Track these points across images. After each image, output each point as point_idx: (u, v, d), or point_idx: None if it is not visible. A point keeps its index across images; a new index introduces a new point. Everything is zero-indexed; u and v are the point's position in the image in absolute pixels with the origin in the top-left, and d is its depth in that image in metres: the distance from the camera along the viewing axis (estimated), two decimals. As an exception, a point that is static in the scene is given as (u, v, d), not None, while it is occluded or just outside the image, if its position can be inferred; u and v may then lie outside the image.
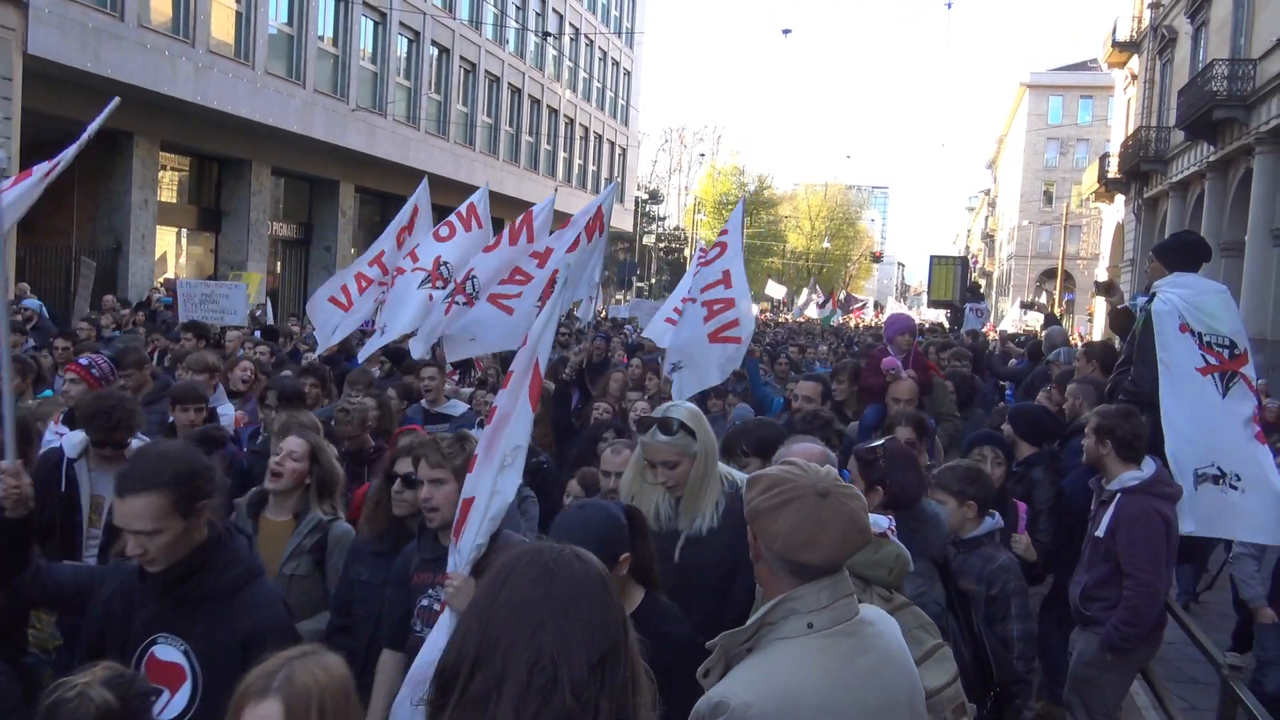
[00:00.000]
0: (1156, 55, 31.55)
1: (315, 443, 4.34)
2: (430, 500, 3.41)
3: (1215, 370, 5.02)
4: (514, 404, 3.20)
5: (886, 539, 2.96)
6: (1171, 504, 4.57)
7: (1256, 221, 21.35)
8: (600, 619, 1.59)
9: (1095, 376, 6.95)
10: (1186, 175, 27.44)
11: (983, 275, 74.18)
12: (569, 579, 1.60)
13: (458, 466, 3.36)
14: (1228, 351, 5.06)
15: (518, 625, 1.54)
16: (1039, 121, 65.12)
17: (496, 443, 3.13)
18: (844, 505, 2.19)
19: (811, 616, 2.13)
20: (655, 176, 68.60)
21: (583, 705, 1.51)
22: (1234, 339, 5.09)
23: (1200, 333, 5.06)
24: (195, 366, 6.94)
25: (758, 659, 2.15)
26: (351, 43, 25.09)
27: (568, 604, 1.57)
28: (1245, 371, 5.08)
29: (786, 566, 2.17)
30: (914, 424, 5.27)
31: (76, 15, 16.54)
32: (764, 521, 2.19)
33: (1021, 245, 65.54)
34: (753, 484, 2.29)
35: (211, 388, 6.68)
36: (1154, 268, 5.63)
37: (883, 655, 2.21)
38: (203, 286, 12.19)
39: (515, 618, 1.55)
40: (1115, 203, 37.53)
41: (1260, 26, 21.99)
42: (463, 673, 1.54)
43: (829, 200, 76.73)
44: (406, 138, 27.44)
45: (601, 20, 41.92)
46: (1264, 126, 20.91)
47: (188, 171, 23.64)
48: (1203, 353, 5.03)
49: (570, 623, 1.56)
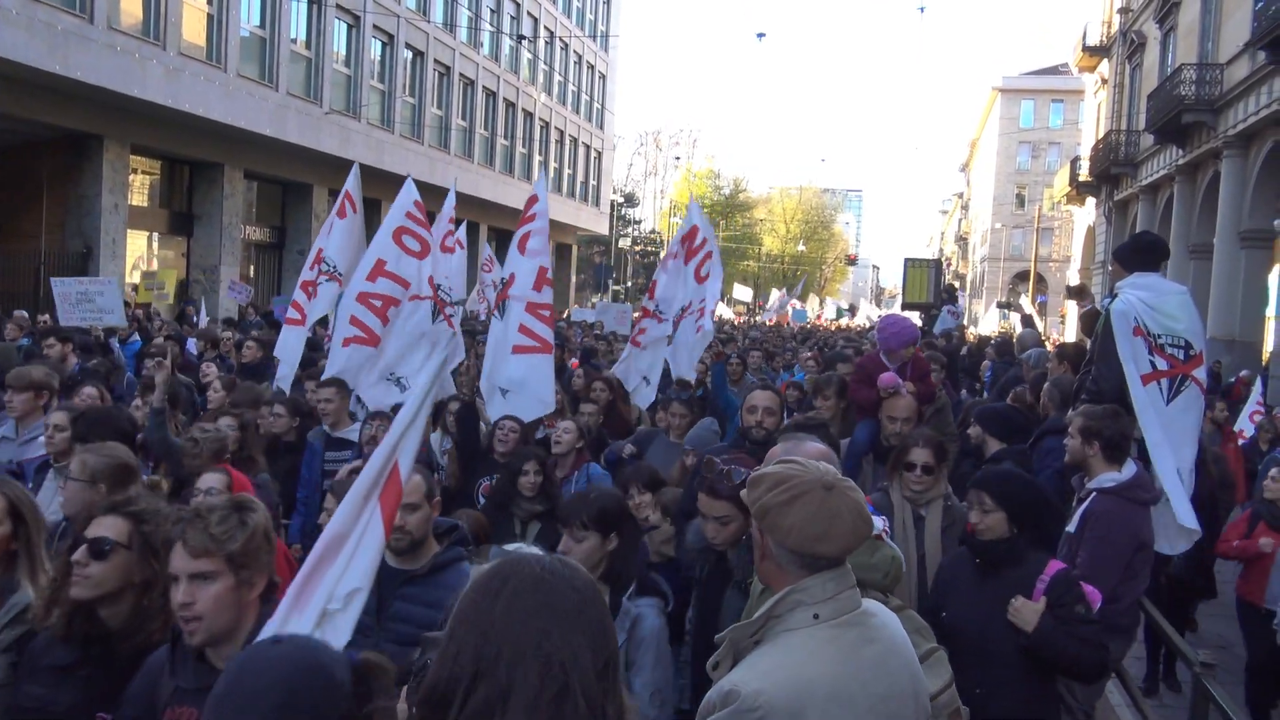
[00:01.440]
0: (1126, 60, 31.89)
1: (15, 495, 3.11)
2: (191, 605, 2.37)
3: (1164, 375, 5.05)
4: (353, 523, 2.36)
5: (882, 541, 2.95)
6: (1144, 509, 4.58)
7: (1225, 224, 21.62)
8: (601, 624, 1.57)
9: (1067, 378, 7.00)
10: (1156, 178, 27.76)
11: (956, 278, 74.63)
12: (567, 585, 1.57)
13: (234, 553, 2.42)
14: (1183, 353, 5.09)
15: (522, 634, 1.49)
16: (1011, 125, 65.67)
17: (316, 584, 2.28)
18: (849, 497, 2.25)
19: (817, 608, 2.18)
20: (631, 180, 68.67)
21: (593, 712, 1.49)
22: (1190, 339, 5.12)
23: (1157, 334, 5.08)
24: (18, 384, 5.72)
25: (766, 650, 2.20)
26: (325, 46, 24.94)
27: (570, 610, 1.54)
28: (1198, 374, 5.11)
29: (798, 560, 2.21)
30: (933, 447, 4.54)
31: (44, 17, 16.33)
32: (775, 517, 2.22)
33: (995, 248, 66.07)
34: (756, 484, 2.31)
35: (40, 408, 5.67)
36: (1114, 269, 5.71)
37: (887, 646, 2.26)
38: (76, 284, 10.99)
39: (518, 627, 1.50)
40: (1086, 205, 37.92)
41: (1227, 32, 22.28)
42: (460, 690, 1.48)
43: (804, 203, 77.04)
44: (381, 141, 27.30)
45: (576, 24, 41.90)
46: (1231, 130, 21.19)
47: (159, 175, 23.40)
48: (1153, 357, 5.05)
49: (575, 629, 1.52)
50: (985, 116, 72.86)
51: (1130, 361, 5.04)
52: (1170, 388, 5.05)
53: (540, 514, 5.07)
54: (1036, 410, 6.96)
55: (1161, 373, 5.05)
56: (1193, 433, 5.16)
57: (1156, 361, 5.06)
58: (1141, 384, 5.01)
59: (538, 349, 6.97)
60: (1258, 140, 20.59)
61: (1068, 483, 5.27)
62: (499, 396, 6.83)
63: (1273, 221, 20.16)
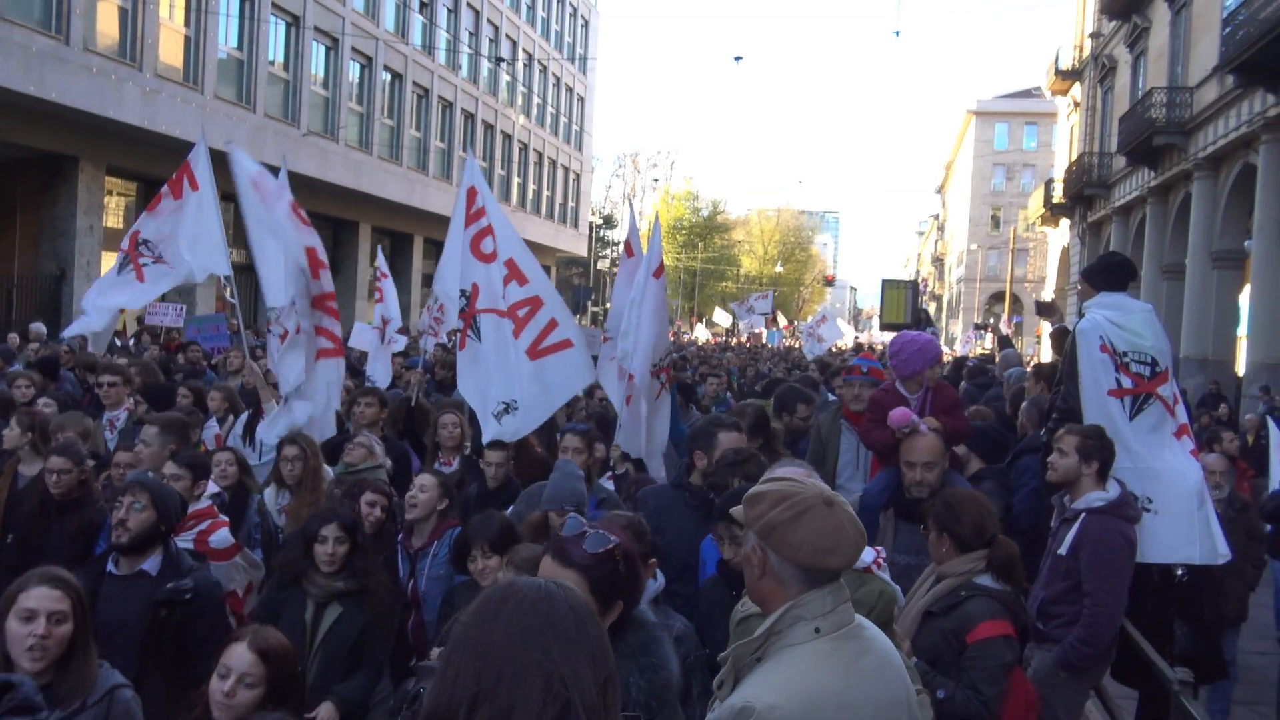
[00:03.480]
0: (1098, 83, 32.33)
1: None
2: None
3: (1128, 393, 5.09)
4: None
5: (871, 574, 2.92)
6: (1133, 526, 4.62)
7: (1196, 245, 21.89)
8: (600, 642, 1.58)
9: (1044, 397, 7.06)
10: (1129, 200, 28.09)
11: (933, 298, 75.23)
12: (565, 605, 1.58)
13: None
14: (1149, 369, 5.13)
15: (523, 654, 1.50)
16: (985, 148, 66.38)
17: None
18: (848, 512, 2.28)
19: (818, 621, 2.20)
20: (609, 202, 68.83)
21: None
22: (1156, 356, 5.16)
23: (1124, 351, 5.12)
24: None
25: (771, 666, 2.22)
26: (302, 68, 24.92)
27: (569, 629, 1.55)
28: (1162, 392, 5.14)
29: (803, 576, 2.23)
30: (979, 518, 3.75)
31: (20, 39, 16.24)
32: (784, 533, 2.22)
33: (970, 268, 66.62)
34: (756, 501, 2.30)
35: None
36: (1083, 288, 5.74)
37: (881, 656, 2.30)
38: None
39: (519, 646, 1.51)
40: (1061, 227, 38.30)
41: (1196, 56, 22.64)
42: (460, 713, 1.47)
43: (781, 225, 77.52)
44: (359, 162, 27.26)
45: (554, 46, 42.08)
46: (1201, 153, 21.49)
47: (134, 196, 23.24)
48: (1119, 375, 5.09)
49: (575, 647, 1.53)
50: (960, 139, 73.62)
51: (1091, 379, 5.10)
52: (1132, 405, 5.09)
53: (344, 594, 4.11)
54: (1011, 425, 7.00)
55: (1125, 390, 5.10)
56: (1161, 448, 5.18)
57: (1122, 379, 5.10)
58: (1109, 398, 5.06)
59: (561, 345, 6.25)
60: (1227, 162, 20.89)
61: (1045, 501, 5.31)
62: (501, 416, 6.15)
63: (1243, 242, 20.45)
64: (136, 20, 19.24)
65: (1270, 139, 17.93)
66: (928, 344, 5.39)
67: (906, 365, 5.28)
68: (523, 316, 6.31)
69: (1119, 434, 4.92)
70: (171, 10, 20.59)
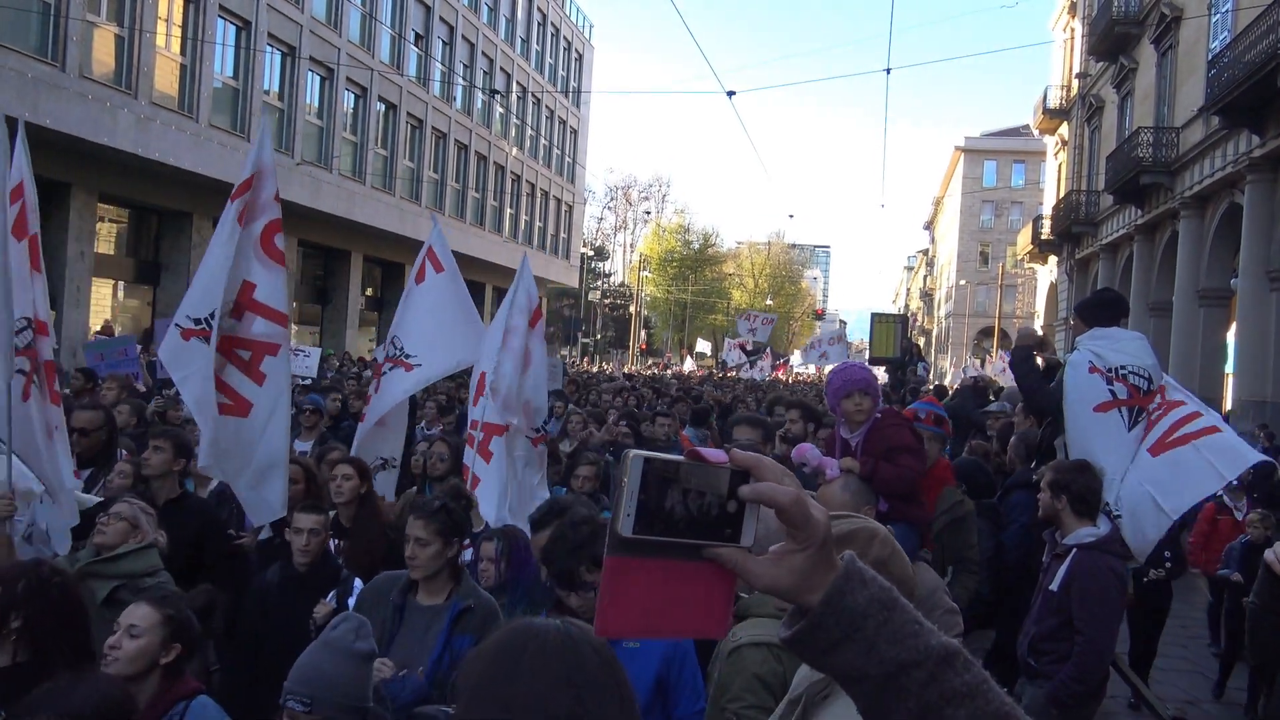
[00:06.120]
0: (1085, 122, 32.71)
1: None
2: None
3: (1123, 404, 5.11)
4: None
5: None
6: (1123, 562, 4.63)
7: (1183, 282, 22.07)
8: (626, 685, 1.51)
9: (1033, 432, 7.08)
10: (1116, 237, 28.35)
11: (922, 333, 75.49)
12: (589, 647, 1.49)
13: None
14: (1145, 383, 5.16)
15: (551, 705, 1.39)
16: (974, 184, 66.94)
17: None
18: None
19: None
20: (601, 233, 69.13)
21: None
22: (1151, 374, 5.20)
23: (1118, 365, 5.15)
24: None
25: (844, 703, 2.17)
26: (297, 97, 25.05)
27: (596, 672, 1.47)
28: (1150, 409, 5.18)
29: None
30: None
31: (15, 65, 16.30)
32: (894, 569, 2.18)
33: (959, 304, 66.97)
34: (852, 540, 2.23)
35: None
36: (1076, 324, 5.81)
37: None
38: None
39: (548, 692, 1.41)
40: (1049, 263, 38.59)
41: (1182, 97, 22.95)
42: None
43: (772, 258, 77.84)
44: (352, 192, 27.34)
45: (549, 79, 42.40)
46: (1187, 192, 21.73)
47: (126, 223, 23.26)
48: (1112, 386, 5.11)
49: (605, 691, 1.45)
50: (949, 176, 74.26)
51: (1077, 399, 5.13)
52: (1130, 416, 5.12)
53: None
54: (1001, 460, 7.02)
55: (1121, 401, 5.11)
56: (1134, 455, 5.20)
57: (1116, 390, 5.11)
58: (1098, 414, 5.08)
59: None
60: (1213, 201, 21.12)
61: (1036, 537, 5.31)
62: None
63: (1229, 280, 20.62)
64: (132, 48, 19.34)
65: (1255, 179, 18.14)
66: (836, 373, 4.96)
67: (834, 394, 4.79)
68: None
69: (1121, 443, 4.95)
70: (168, 39, 20.71)
